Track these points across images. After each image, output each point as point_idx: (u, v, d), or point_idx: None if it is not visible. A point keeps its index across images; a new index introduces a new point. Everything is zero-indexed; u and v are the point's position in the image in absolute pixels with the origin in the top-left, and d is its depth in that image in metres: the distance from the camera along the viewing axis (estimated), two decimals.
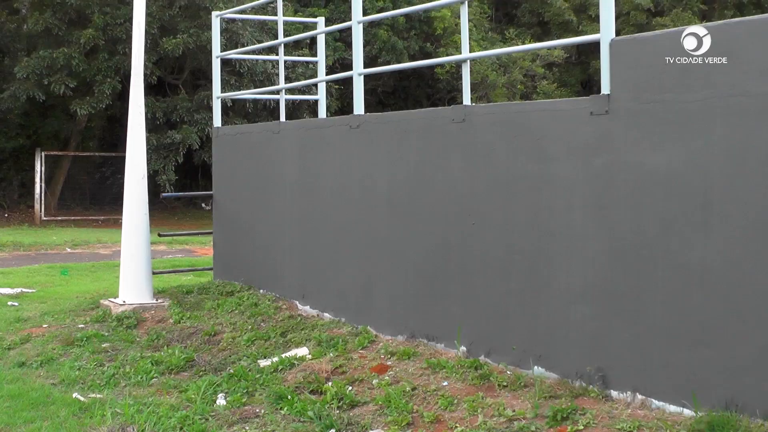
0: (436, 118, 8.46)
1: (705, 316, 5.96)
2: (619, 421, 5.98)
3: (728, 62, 5.88)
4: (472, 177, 7.85)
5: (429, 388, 7.15)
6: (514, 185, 7.42)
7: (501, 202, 7.55)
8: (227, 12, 14.30)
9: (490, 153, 7.68)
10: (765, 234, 5.63)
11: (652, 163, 6.29)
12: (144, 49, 12.05)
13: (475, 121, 7.89)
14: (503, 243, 7.49)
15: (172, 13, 28.27)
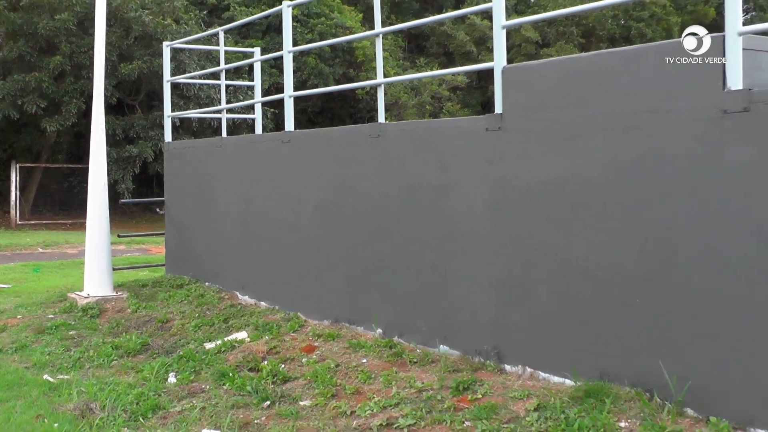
0: (355, 134, 8.49)
1: (583, 302, 6.03)
2: (512, 390, 6.03)
3: (599, 86, 5.98)
4: (387, 184, 7.86)
5: (350, 365, 7.16)
6: (422, 191, 7.44)
7: (411, 205, 7.57)
8: (176, 42, 14.24)
9: (402, 163, 7.70)
10: (633, 231, 5.72)
11: (540, 172, 6.35)
12: (104, 73, 11.93)
13: (389, 136, 7.91)
14: (414, 241, 7.51)
15: (128, 42, 28.26)
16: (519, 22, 8.18)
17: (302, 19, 32.57)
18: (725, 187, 5.21)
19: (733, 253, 5.16)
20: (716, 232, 5.25)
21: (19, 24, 27.08)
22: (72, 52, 27.53)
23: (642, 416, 5.28)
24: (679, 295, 5.46)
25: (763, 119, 5.02)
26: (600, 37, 42.32)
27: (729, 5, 5.22)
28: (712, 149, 5.29)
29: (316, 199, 8.90)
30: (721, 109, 5.23)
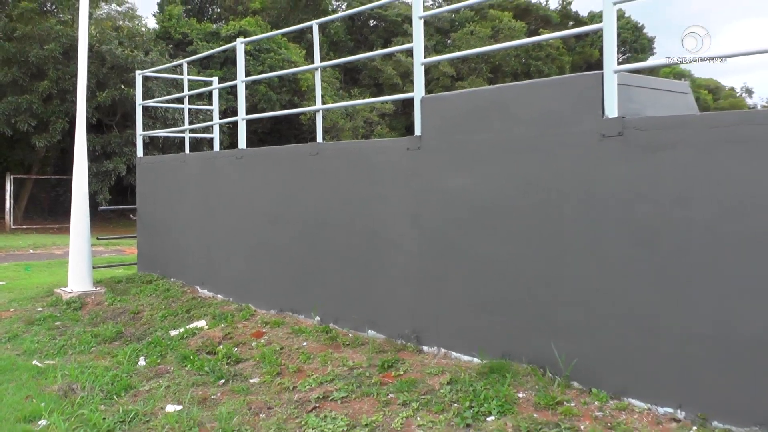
0: (298, 152, 8.44)
1: (488, 292, 6.07)
2: (429, 368, 6.05)
3: (501, 113, 6.03)
4: (325, 194, 7.83)
5: (293, 348, 7.11)
6: (354, 200, 7.44)
7: (345, 212, 7.55)
8: (146, 71, 14.05)
9: (337, 177, 7.67)
10: (529, 235, 5.78)
11: (452, 185, 6.38)
12: (86, 97, 11.77)
13: (326, 154, 7.89)
14: (347, 242, 7.49)
15: (104, 71, 27.89)
16: (435, 59, 8.25)
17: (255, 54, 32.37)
18: (605, 197, 5.30)
19: (612, 253, 5.24)
20: (598, 234, 5.33)
21: (13, 52, 26.83)
22: (58, 77, 27.25)
23: (537, 388, 5.34)
24: (566, 288, 5.53)
25: (634, 141, 5.13)
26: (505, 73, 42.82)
27: (606, 48, 5.32)
28: (593, 166, 5.37)
29: (264, 207, 8.83)
30: (600, 133, 5.31)
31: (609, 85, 5.30)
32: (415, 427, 5.08)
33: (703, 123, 4.94)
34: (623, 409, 4.99)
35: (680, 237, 4.88)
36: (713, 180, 4.73)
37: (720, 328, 4.68)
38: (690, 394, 4.81)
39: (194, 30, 34.60)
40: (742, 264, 4.59)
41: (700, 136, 4.84)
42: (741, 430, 4.53)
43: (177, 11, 35.36)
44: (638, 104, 5.61)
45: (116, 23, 31.05)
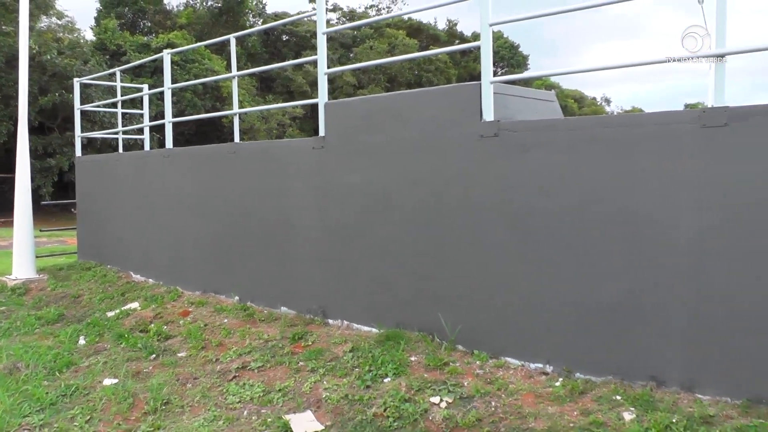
0: (218, 151, 8.26)
1: (384, 272, 6.07)
2: (334, 338, 6.01)
3: (395, 118, 6.02)
4: (242, 188, 7.67)
5: (215, 324, 6.94)
6: (268, 193, 7.30)
7: (260, 204, 7.41)
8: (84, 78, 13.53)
9: (253, 173, 7.53)
10: (419, 222, 5.80)
11: (352, 180, 6.35)
12: (27, 102, 11.27)
13: (243, 153, 7.73)
14: (263, 230, 7.36)
15: (46, 78, 26.85)
16: (338, 70, 8.19)
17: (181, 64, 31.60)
18: (483, 189, 5.37)
19: (489, 235, 5.32)
20: (477, 220, 5.39)
21: None
22: (2, 84, 26.10)
23: (427, 352, 5.37)
24: (451, 266, 5.57)
25: (508, 142, 5.22)
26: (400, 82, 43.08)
27: (483, 62, 5.38)
28: (473, 163, 5.43)
29: (190, 200, 8.60)
30: (479, 134, 5.36)
31: (486, 94, 5.37)
32: (321, 390, 5.05)
33: (566, 126, 5.08)
34: (501, 366, 5.09)
35: (546, 221, 5.00)
36: (574, 173, 4.86)
37: (580, 296, 4.82)
38: (557, 352, 4.94)
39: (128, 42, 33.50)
40: (597, 243, 4.74)
41: (563, 137, 4.96)
42: (599, 378, 4.68)
43: (112, 24, 34.11)
44: (512, 110, 5.68)
45: (57, 35, 29.92)
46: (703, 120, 4.31)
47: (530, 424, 4.13)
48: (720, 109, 4.26)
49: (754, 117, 4.16)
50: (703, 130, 4.30)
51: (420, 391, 4.73)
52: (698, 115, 4.35)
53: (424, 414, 4.47)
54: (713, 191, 4.27)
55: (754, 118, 4.15)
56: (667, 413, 4.06)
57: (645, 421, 4.00)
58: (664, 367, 4.46)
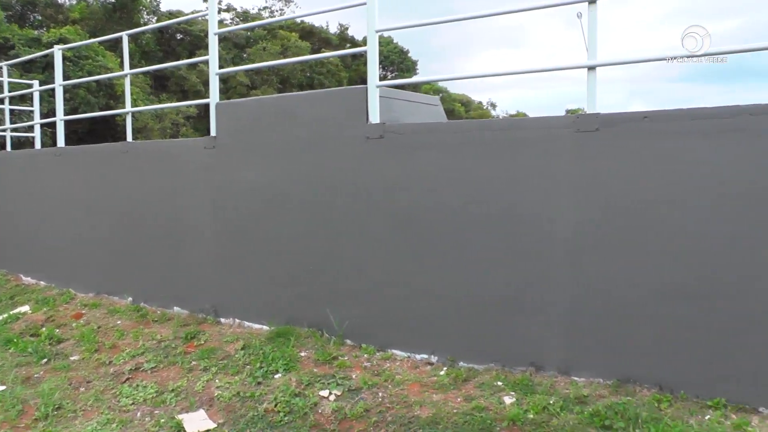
0: (110, 150, 7.99)
1: (275, 269, 6.07)
2: (226, 336, 5.97)
3: (285, 118, 6.02)
4: (135, 187, 7.45)
5: (109, 326, 6.74)
6: (161, 192, 7.13)
7: (153, 203, 7.24)
8: None
9: (146, 172, 7.33)
10: (310, 220, 5.82)
11: (244, 178, 6.30)
12: None
13: (136, 152, 7.52)
14: (155, 230, 7.19)
15: None
16: (229, 71, 8.11)
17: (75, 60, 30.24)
18: (370, 188, 5.46)
19: (376, 233, 5.41)
20: (365, 218, 5.48)
21: None
22: None
23: (316, 347, 5.42)
24: (339, 263, 5.64)
25: (392, 143, 5.32)
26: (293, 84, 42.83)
27: (370, 67, 5.47)
28: (360, 163, 5.51)
29: (82, 200, 8.27)
30: (365, 136, 5.45)
31: (372, 97, 5.46)
32: (214, 389, 5.00)
33: (449, 129, 5.25)
34: (388, 358, 5.20)
35: (431, 219, 5.14)
36: (458, 174, 5.02)
37: (463, 290, 4.99)
38: (441, 343, 5.09)
39: (16, 35, 31.75)
40: (480, 239, 4.92)
41: (447, 139, 5.11)
42: (481, 366, 4.86)
43: None
44: (398, 113, 5.79)
45: None
46: (577, 125, 4.56)
47: (416, 412, 4.25)
48: (592, 115, 4.53)
49: (621, 123, 4.44)
50: (577, 135, 4.56)
51: (310, 386, 4.78)
52: (573, 120, 4.61)
53: (313, 407, 4.51)
54: (587, 190, 4.53)
55: (621, 125, 4.44)
56: (545, 395, 4.29)
57: (524, 404, 4.20)
58: (542, 354, 4.69)
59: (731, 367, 4.08)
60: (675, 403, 4.10)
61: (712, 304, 4.12)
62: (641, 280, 4.33)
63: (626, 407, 4.02)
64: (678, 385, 4.21)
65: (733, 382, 4.06)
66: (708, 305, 4.13)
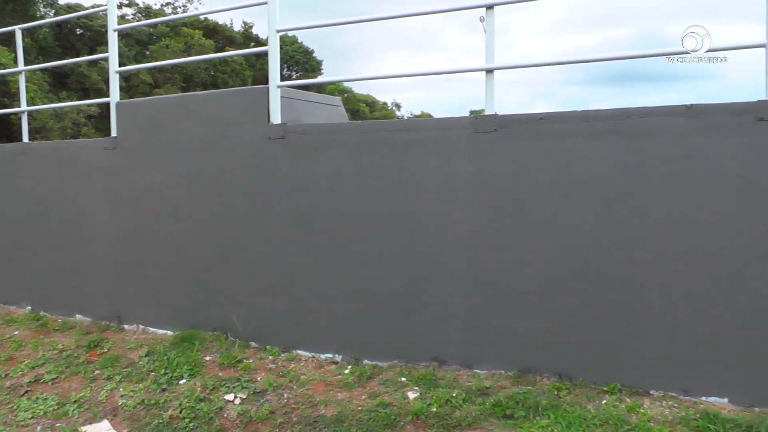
0: (6, 151, 7.61)
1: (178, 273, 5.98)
2: (129, 343, 5.83)
3: (187, 118, 5.95)
4: (33, 190, 7.14)
5: (5, 337, 6.44)
6: (60, 197, 6.86)
7: (52, 208, 6.94)
8: None
9: (44, 174, 7.03)
10: (209, 220, 5.78)
11: (145, 180, 6.17)
12: None
13: (33, 153, 7.20)
14: (55, 235, 6.90)
15: None
16: (130, 69, 7.93)
17: None
18: (271, 189, 5.46)
19: (277, 234, 5.42)
20: (266, 219, 5.49)
21: None
22: None
23: (221, 351, 5.38)
24: (242, 265, 5.62)
25: (294, 143, 5.34)
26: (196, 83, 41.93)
27: (271, 67, 5.46)
28: (262, 164, 5.50)
29: None
30: (267, 136, 5.44)
31: (273, 97, 5.46)
32: (118, 398, 4.90)
33: (350, 129, 5.32)
34: (292, 359, 5.22)
35: (332, 219, 5.19)
36: (359, 174, 5.08)
37: (366, 288, 5.07)
38: (345, 342, 5.16)
39: None
40: (381, 238, 5.00)
41: (347, 139, 5.17)
42: (386, 363, 4.96)
43: None
44: (299, 113, 5.80)
45: None
46: (475, 126, 4.70)
47: (321, 412, 4.30)
48: (490, 116, 4.68)
49: (518, 124, 4.61)
50: (475, 135, 4.70)
51: (215, 390, 4.75)
52: (471, 121, 4.75)
53: (219, 412, 4.49)
54: (485, 189, 4.67)
55: (518, 126, 4.61)
56: (448, 389, 4.41)
57: (428, 398, 4.30)
58: (445, 348, 4.82)
59: (625, 355, 4.31)
60: (574, 390, 4.30)
61: (604, 296, 4.35)
62: (536, 275, 4.52)
63: (527, 396, 4.19)
64: (576, 374, 4.43)
65: (626, 368, 4.30)
66: (600, 296, 4.36)
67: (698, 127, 4.14)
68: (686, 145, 4.17)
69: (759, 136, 4.00)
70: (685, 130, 4.17)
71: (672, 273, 4.19)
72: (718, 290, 4.09)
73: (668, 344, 4.21)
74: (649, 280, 4.25)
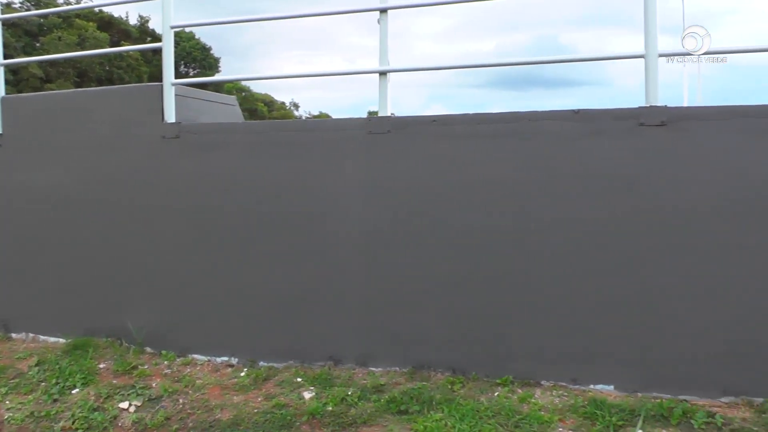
0: None
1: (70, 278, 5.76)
2: (18, 353, 5.56)
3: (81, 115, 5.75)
4: None
5: None
6: None
7: None
8: None
9: None
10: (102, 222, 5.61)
11: (34, 181, 5.92)
12: None
13: None
14: None
15: None
16: (18, 62, 7.64)
17: None
18: (166, 189, 5.37)
19: (174, 238, 5.33)
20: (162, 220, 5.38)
21: None
22: None
23: (115, 358, 5.24)
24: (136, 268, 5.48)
25: (189, 143, 5.28)
26: (91, 78, 40.58)
27: (165, 64, 5.37)
28: (156, 163, 5.40)
29: None
30: (161, 135, 5.35)
31: (168, 95, 5.36)
32: (4, 411, 4.68)
33: (245, 129, 5.31)
34: (188, 364, 5.15)
35: (227, 220, 5.15)
36: (255, 174, 5.07)
37: (261, 289, 5.06)
38: (241, 344, 5.12)
39: None
40: (275, 240, 5.01)
41: (242, 139, 5.15)
42: (281, 364, 4.95)
43: None
44: (194, 112, 5.72)
45: None
46: (369, 127, 4.77)
47: (217, 416, 4.27)
48: (384, 118, 4.76)
49: (412, 126, 4.71)
50: (370, 136, 4.77)
51: (109, 398, 4.63)
52: (365, 123, 4.81)
53: (113, 421, 4.38)
54: (379, 190, 4.75)
55: (412, 127, 4.70)
56: (343, 387, 4.45)
57: (323, 397, 4.34)
58: (341, 347, 4.86)
59: (516, 348, 4.48)
60: (467, 383, 4.43)
61: (497, 292, 4.50)
62: (430, 273, 4.63)
63: (421, 392, 4.29)
64: (470, 368, 4.56)
65: (518, 360, 4.46)
66: (493, 293, 4.51)
67: (584, 131, 4.36)
68: (574, 148, 4.38)
69: (640, 139, 4.25)
70: (573, 133, 4.37)
71: (561, 269, 4.38)
72: (604, 284, 4.31)
73: (558, 336, 4.40)
74: (540, 276, 4.43)
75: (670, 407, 3.94)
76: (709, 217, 4.14)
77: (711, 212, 4.14)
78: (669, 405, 3.96)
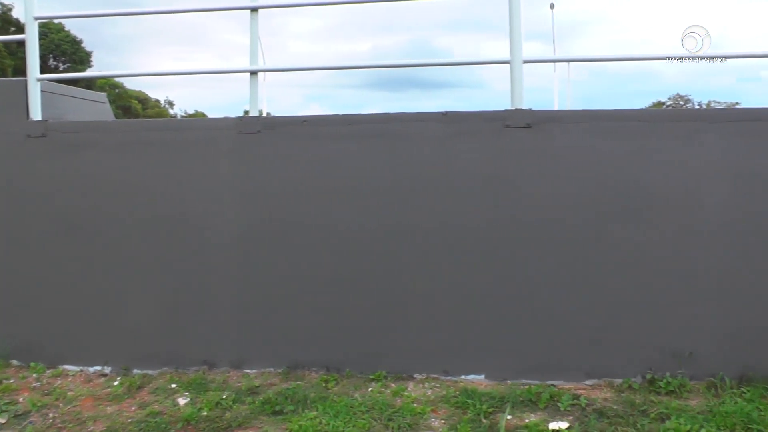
0: None
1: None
2: None
3: None
4: None
5: None
6: None
7: None
8: None
9: None
10: None
11: None
12: None
13: None
14: None
15: None
16: None
17: None
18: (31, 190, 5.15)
19: (38, 242, 5.11)
20: (27, 226, 5.16)
21: None
22: None
23: None
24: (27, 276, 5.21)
25: (56, 142, 5.09)
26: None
27: (30, 58, 5.16)
28: (20, 163, 5.17)
29: None
30: (26, 134, 5.14)
31: (33, 92, 5.16)
32: None
33: (114, 128, 5.17)
34: (59, 375, 4.97)
35: (96, 223, 5.01)
36: (123, 175, 4.96)
37: (131, 293, 4.96)
38: (114, 352, 4.99)
39: None
40: (146, 243, 4.92)
41: (112, 139, 5.02)
42: (156, 371, 4.89)
43: None
44: (62, 110, 5.53)
45: None
46: (239, 127, 4.76)
47: (89, 428, 4.15)
48: (254, 118, 4.76)
49: (282, 126, 4.73)
50: (240, 136, 4.76)
51: None
52: (236, 122, 4.79)
53: None
54: (250, 190, 4.75)
55: (282, 128, 4.73)
56: (218, 391, 4.44)
57: (198, 402, 4.31)
58: (215, 351, 4.85)
59: (389, 343, 4.61)
60: (341, 381, 4.54)
61: (369, 289, 4.62)
62: (303, 272, 4.69)
63: (295, 391, 4.35)
64: (343, 365, 4.66)
65: (391, 356, 4.60)
66: (365, 290, 4.62)
67: (452, 132, 4.53)
68: (442, 148, 4.54)
69: (506, 140, 4.47)
70: (442, 134, 4.54)
71: (431, 264, 4.55)
72: (473, 278, 4.50)
73: (429, 330, 4.56)
74: (411, 271, 4.57)
75: (538, 392, 4.21)
76: (570, 211, 4.41)
77: (571, 207, 4.41)
78: (537, 390, 4.24)
